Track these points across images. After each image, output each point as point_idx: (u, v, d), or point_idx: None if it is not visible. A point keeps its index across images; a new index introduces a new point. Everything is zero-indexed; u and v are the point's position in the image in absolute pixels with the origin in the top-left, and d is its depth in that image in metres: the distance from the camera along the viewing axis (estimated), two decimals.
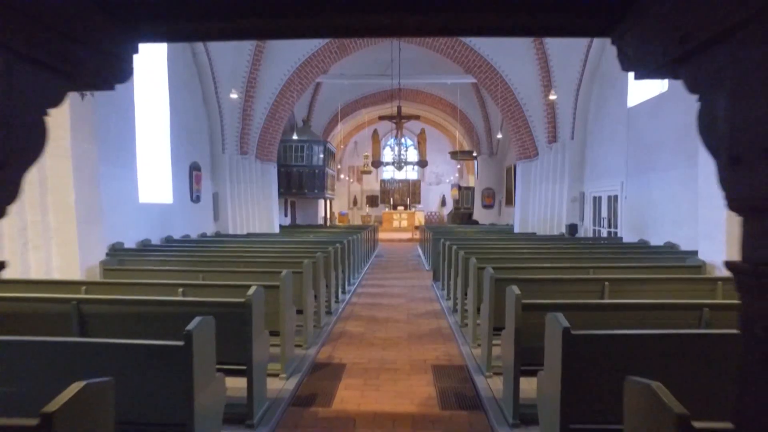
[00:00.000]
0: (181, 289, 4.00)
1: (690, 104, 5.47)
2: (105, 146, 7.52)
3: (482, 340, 4.48)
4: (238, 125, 12.57)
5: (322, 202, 21.69)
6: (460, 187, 22.87)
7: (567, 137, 11.91)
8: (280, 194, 17.73)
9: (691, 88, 1.47)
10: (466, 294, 5.78)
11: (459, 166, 26.77)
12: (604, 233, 10.62)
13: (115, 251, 7.53)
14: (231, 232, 12.47)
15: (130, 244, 8.18)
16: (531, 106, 12.58)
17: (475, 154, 20.38)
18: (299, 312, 4.90)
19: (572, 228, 11.46)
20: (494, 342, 4.18)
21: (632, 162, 9.25)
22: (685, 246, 7.34)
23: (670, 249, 7.47)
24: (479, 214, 21.82)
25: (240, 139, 12.69)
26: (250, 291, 3.14)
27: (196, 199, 11.24)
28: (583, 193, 11.72)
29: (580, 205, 11.76)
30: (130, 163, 8.41)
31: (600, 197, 10.92)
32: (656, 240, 8.23)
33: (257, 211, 13.38)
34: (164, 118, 9.99)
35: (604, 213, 10.68)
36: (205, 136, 12.05)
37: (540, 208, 12.69)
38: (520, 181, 13.25)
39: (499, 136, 13.01)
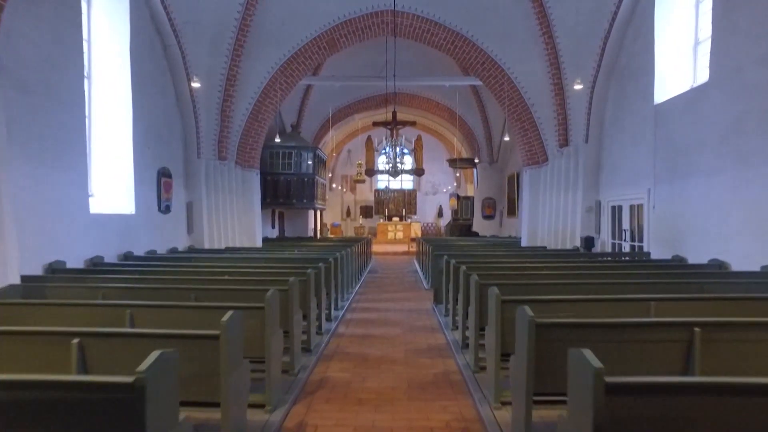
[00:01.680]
0: (76, 341, 2.70)
1: (738, 95, 4.03)
2: (40, 145, 6.26)
3: (514, 403, 3.22)
4: (215, 127, 11.32)
5: (312, 213, 20.39)
6: (458, 197, 21.69)
7: (580, 140, 10.74)
8: (266, 204, 16.46)
9: None
10: (482, 330, 4.51)
11: (458, 174, 25.61)
12: (627, 247, 9.41)
13: (54, 272, 6.24)
14: (207, 246, 11.16)
15: (75, 262, 6.86)
16: (540, 107, 11.43)
17: (477, 160, 19.22)
18: (257, 361, 3.62)
19: (588, 241, 10.25)
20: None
21: (662, 166, 8.07)
22: (737, 265, 6.13)
23: (720, 269, 6.25)
24: (479, 225, 20.60)
25: (218, 142, 11.43)
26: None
27: (165, 209, 9.93)
28: (600, 202, 10.52)
29: (596, 216, 10.55)
30: (77, 166, 7.11)
31: (620, 207, 9.72)
32: (695, 257, 7.01)
33: (237, 223, 12.09)
34: (126, 117, 8.72)
35: (626, 224, 9.48)
36: (178, 138, 10.78)
37: (551, 220, 11.48)
38: (528, 189, 12.06)
39: (506, 138, 11.86)
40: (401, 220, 26.49)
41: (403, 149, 11.30)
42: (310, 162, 17.13)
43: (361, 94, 19.64)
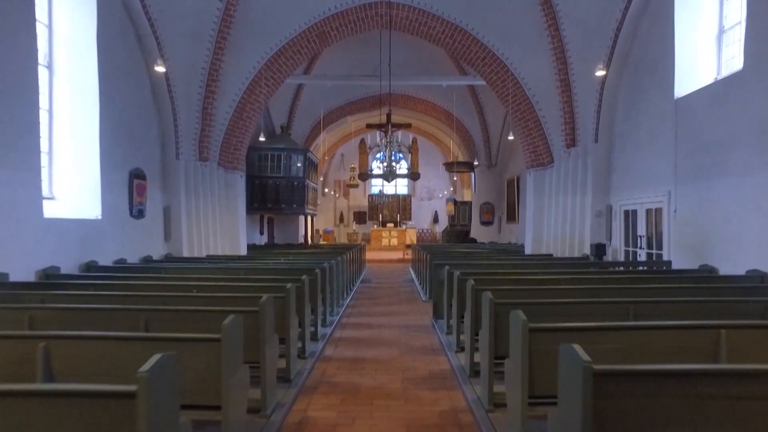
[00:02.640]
0: None
1: None
2: None
3: None
4: (196, 126, 10.46)
5: (303, 219, 19.52)
6: (456, 202, 20.91)
7: (589, 140, 9.99)
8: (253, 209, 15.62)
9: None
10: (499, 359, 3.70)
11: (455, 179, 24.84)
12: (642, 255, 8.62)
13: None
14: (186, 254, 10.27)
15: (24, 274, 5.96)
16: (545, 105, 10.68)
17: (476, 163, 18.47)
18: (213, 408, 2.77)
19: (599, 248, 9.47)
20: None
21: (685, 166, 7.31)
22: None
23: (763, 282, 5.46)
24: (477, 231, 19.81)
25: (199, 142, 10.57)
26: None
27: (137, 213, 9.05)
28: (611, 206, 9.76)
29: (607, 221, 9.79)
30: (27, 164, 6.20)
31: (634, 211, 8.95)
32: (728, 267, 6.22)
33: (220, 229, 11.19)
34: (92, 112, 7.86)
35: (641, 230, 8.70)
36: (154, 137, 9.92)
37: (557, 225, 10.69)
38: (532, 193, 11.27)
39: (510, 137, 11.12)
40: (396, 226, 25.69)
41: (399, 153, 10.44)
42: (299, 164, 16.29)
43: (355, 94, 18.86)
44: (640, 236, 8.72)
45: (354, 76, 15.83)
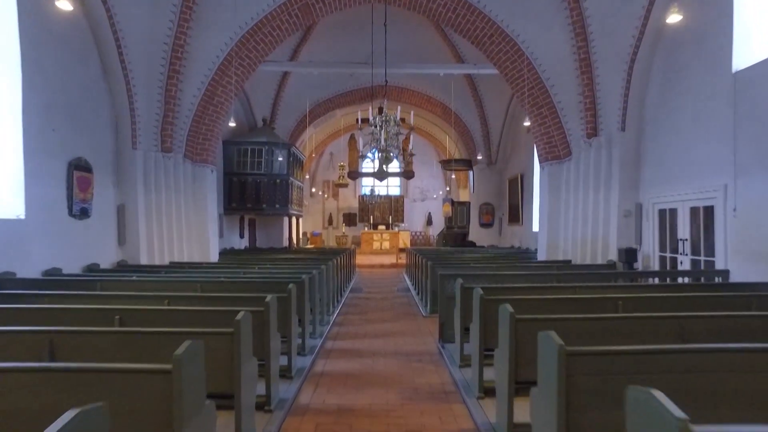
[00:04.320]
0: None
1: None
2: None
3: None
4: (158, 111, 8.94)
5: (288, 220, 17.94)
6: (453, 203, 19.50)
7: (614, 128, 8.62)
8: (231, 209, 14.07)
9: None
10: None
11: (453, 177, 23.42)
12: (686, 263, 7.25)
13: None
14: (145, 261, 8.72)
15: None
16: (561, 89, 9.29)
17: (480, 157, 17.09)
18: None
19: (629, 254, 8.09)
20: None
21: (748, 154, 5.95)
22: None
23: None
24: (476, 233, 18.42)
25: (161, 129, 9.04)
26: None
27: (79, 212, 7.48)
28: (640, 204, 8.39)
29: (637, 222, 8.42)
30: None
31: (673, 210, 7.59)
32: None
33: (186, 232, 9.62)
34: (13, 88, 6.30)
35: (684, 233, 7.33)
36: (105, 122, 8.36)
37: (576, 228, 9.29)
38: (547, 190, 9.87)
39: (526, 123, 9.73)
40: (388, 228, 24.21)
41: (398, 130, 8.98)
42: (281, 159, 14.73)
43: (344, 86, 17.37)
44: (682, 240, 7.34)
45: (344, 63, 14.34)
